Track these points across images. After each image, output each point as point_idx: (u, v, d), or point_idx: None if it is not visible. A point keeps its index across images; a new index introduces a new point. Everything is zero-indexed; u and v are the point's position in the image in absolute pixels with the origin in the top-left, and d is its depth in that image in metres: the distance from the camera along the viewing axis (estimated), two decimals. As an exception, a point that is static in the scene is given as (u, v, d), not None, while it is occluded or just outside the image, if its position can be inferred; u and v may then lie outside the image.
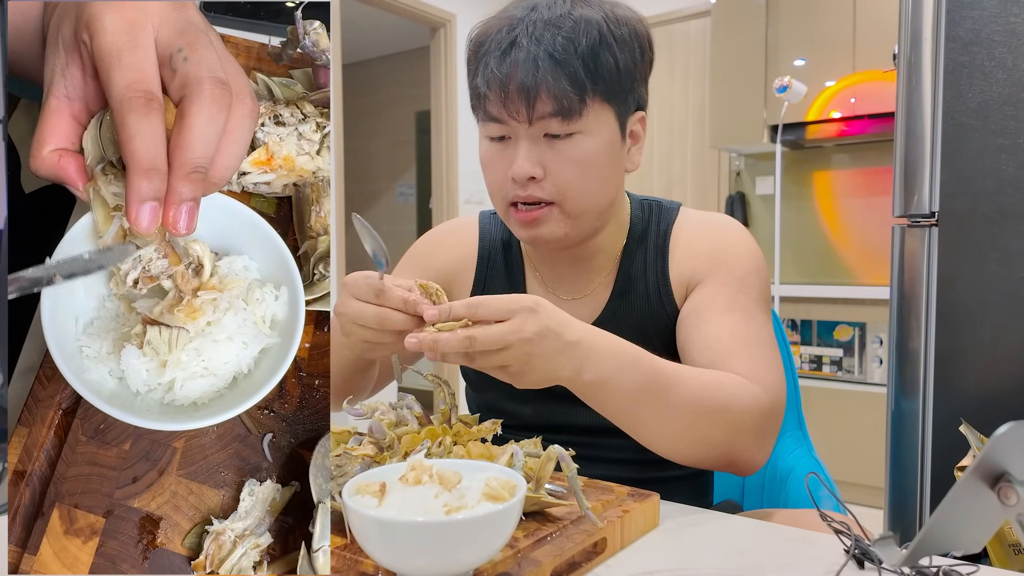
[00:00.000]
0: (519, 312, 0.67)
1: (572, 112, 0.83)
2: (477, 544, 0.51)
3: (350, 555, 0.58)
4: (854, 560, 0.61)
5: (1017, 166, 1.10)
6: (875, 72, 3.13)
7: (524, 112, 0.83)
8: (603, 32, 0.84)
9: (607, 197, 0.91)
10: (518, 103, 0.83)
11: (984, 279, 1.13)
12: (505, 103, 0.84)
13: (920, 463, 1.19)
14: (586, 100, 0.83)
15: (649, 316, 0.95)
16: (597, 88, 0.84)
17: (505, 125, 0.86)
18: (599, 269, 0.98)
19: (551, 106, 0.82)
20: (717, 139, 3.59)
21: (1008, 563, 0.82)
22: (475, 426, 0.75)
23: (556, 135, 0.85)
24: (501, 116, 0.85)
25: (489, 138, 0.89)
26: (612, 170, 0.90)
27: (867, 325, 3.05)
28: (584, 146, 0.85)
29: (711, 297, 0.90)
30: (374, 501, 0.54)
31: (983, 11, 1.13)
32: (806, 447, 1.16)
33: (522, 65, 0.82)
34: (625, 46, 0.86)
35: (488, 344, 0.66)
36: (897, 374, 1.22)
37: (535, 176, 0.85)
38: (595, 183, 0.88)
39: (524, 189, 0.86)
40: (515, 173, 0.85)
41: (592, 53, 0.83)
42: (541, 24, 0.83)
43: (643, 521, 0.70)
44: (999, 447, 0.45)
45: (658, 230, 0.97)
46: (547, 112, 0.83)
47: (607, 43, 0.84)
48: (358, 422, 0.78)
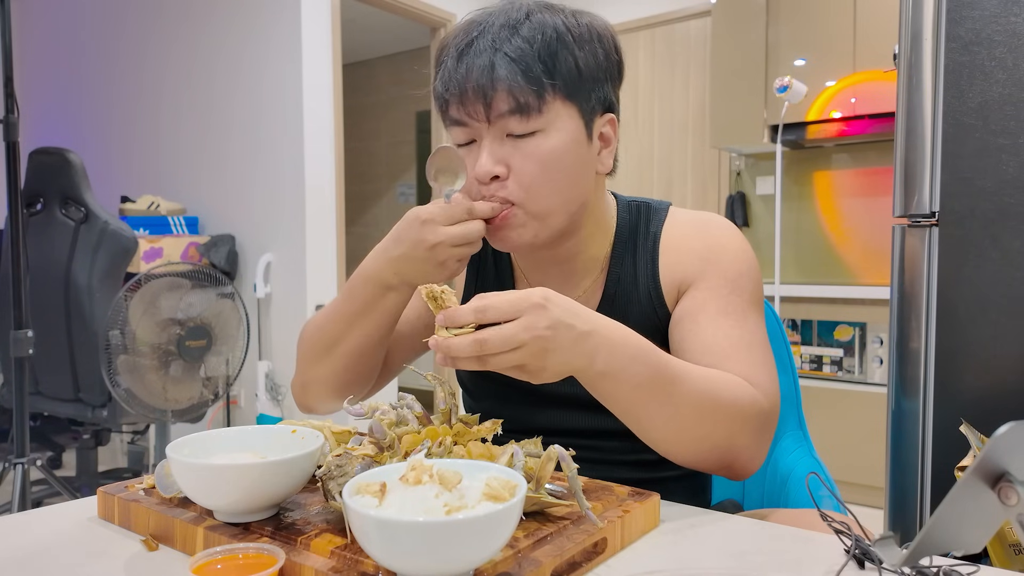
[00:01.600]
0: (528, 311, 0.67)
1: (530, 109, 0.82)
2: (477, 544, 0.51)
3: (350, 555, 0.58)
4: (854, 560, 0.61)
5: (1017, 166, 1.10)
6: (875, 72, 3.13)
7: (482, 111, 0.83)
8: (560, 32, 0.84)
9: (575, 198, 0.89)
10: (475, 103, 0.83)
11: (984, 279, 1.13)
12: (463, 103, 0.84)
13: (920, 463, 1.19)
14: (544, 97, 0.83)
15: (641, 320, 0.93)
16: (556, 85, 0.83)
17: (468, 128, 0.86)
18: (586, 273, 0.97)
19: (508, 103, 0.82)
20: (717, 139, 3.58)
21: (1008, 563, 0.82)
22: (475, 426, 0.75)
23: (518, 135, 0.84)
24: (461, 117, 0.85)
25: (458, 144, 0.89)
26: (579, 171, 0.88)
27: (867, 325, 3.04)
28: (545, 144, 0.84)
29: (704, 300, 0.89)
30: (374, 501, 0.54)
31: (983, 11, 1.13)
32: (806, 447, 1.16)
33: (478, 65, 0.82)
34: (585, 45, 0.85)
35: (501, 345, 0.66)
36: (897, 374, 1.22)
37: (498, 174, 0.84)
38: (560, 182, 0.86)
39: (487, 190, 0.85)
40: (477, 173, 0.85)
41: (549, 52, 0.83)
42: (498, 27, 0.84)
43: (643, 521, 0.70)
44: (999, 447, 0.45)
45: (647, 232, 0.96)
46: (504, 110, 0.83)
47: (565, 42, 0.84)
48: (358, 422, 0.78)
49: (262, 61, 3.48)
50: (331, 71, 3.51)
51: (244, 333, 2.78)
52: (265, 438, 0.74)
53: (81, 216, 2.58)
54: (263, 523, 0.66)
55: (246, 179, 3.57)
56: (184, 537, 0.67)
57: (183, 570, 0.63)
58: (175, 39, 3.78)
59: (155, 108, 3.88)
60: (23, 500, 2.12)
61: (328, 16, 3.49)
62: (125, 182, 3.98)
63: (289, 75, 3.40)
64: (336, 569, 0.57)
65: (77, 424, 2.92)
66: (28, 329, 2.17)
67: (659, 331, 0.93)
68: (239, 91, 3.56)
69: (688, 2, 3.98)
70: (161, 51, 3.84)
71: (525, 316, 0.67)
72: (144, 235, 3.30)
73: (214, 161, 3.67)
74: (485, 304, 0.67)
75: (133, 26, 3.94)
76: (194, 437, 0.72)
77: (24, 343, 2.16)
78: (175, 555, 0.66)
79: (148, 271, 2.60)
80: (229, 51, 3.59)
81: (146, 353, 2.55)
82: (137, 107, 3.95)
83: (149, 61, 3.89)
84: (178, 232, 3.49)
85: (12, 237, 2.16)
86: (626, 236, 0.97)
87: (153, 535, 0.69)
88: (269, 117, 3.47)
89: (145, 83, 3.91)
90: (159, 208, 3.49)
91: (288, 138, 3.42)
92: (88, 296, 2.54)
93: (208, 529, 0.65)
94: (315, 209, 3.44)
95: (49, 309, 2.61)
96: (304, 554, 0.60)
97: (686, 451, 0.79)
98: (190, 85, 3.73)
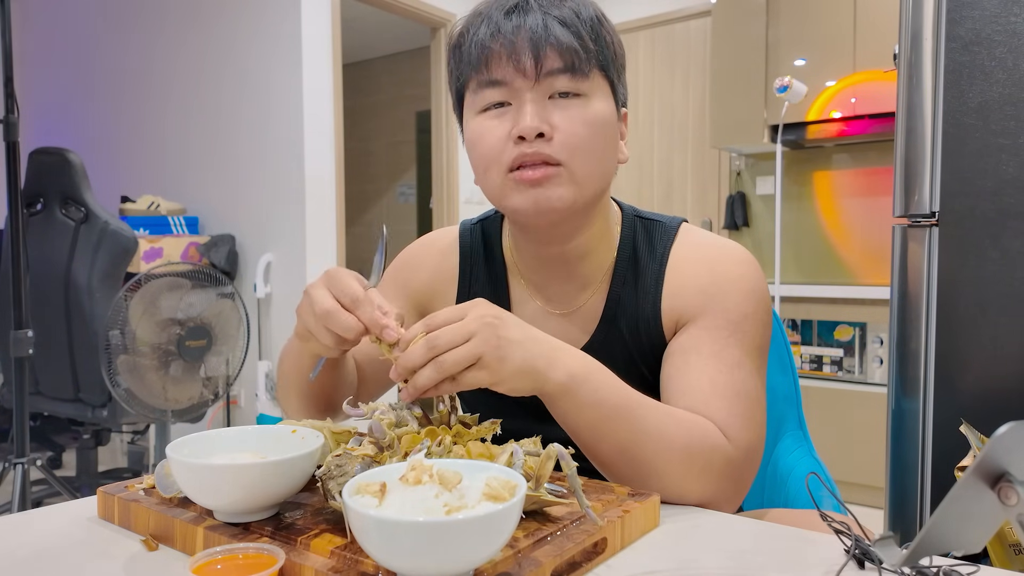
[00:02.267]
0: (470, 308, 0.71)
1: (580, 70, 0.82)
2: (477, 544, 0.51)
3: (350, 555, 0.58)
4: (854, 560, 0.61)
5: (1017, 166, 1.10)
6: (875, 72, 3.13)
7: (531, 66, 0.81)
8: (599, 14, 0.86)
9: (608, 172, 0.88)
10: (526, 58, 0.81)
11: (984, 279, 1.13)
12: (513, 56, 0.81)
13: (920, 463, 1.19)
14: (592, 63, 0.83)
15: (637, 345, 0.91)
16: (599, 57, 0.84)
17: (506, 88, 0.83)
18: (588, 280, 0.93)
19: (559, 61, 0.81)
20: (717, 139, 3.58)
21: (1008, 563, 0.82)
22: (475, 426, 0.75)
23: (564, 93, 0.83)
24: (504, 75, 0.82)
25: (482, 110, 0.86)
26: (613, 145, 0.88)
27: (867, 325, 3.04)
28: (590, 109, 0.84)
29: (699, 339, 0.86)
30: (374, 501, 0.54)
31: (983, 11, 1.13)
32: (806, 447, 1.16)
33: (530, 22, 0.82)
34: (614, 35, 0.88)
35: (452, 339, 0.68)
36: (897, 374, 1.22)
37: (543, 132, 0.82)
38: (601, 149, 0.85)
39: (531, 147, 0.82)
40: (523, 129, 0.81)
41: (594, 26, 0.84)
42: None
43: (644, 521, 0.70)
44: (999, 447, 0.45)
45: (654, 253, 0.92)
46: (556, 68, 0.82)
47: (604, 23, 0.86)
48: (358, 422, 0.78)
49: (262, 61, 3.48)
50: (331, 71, 3.51)
51: (244, 333, 2.79)
52: (265, 438, 0.74)
53: (81, 216, 2.58)
54: (263, 523, 0.66)
55: (246, 179, 3.57)
56: (184, 537, 0.67)
57: (183, 570, 0.63)
58: (175, 38, 3.78)
59: (156, 108, 3.88)
60: (23, 500, 2.12)
61: (328, 16, 3.49)
62: (125, 182, 3.98)
63: (289, 74, 3.40)
64: (336, 569, 0.57)
65: (77, 424, 2.92)
66: (28, 329, 2.17)
67: (656, 358, 0.90)
68: (240, 91, 3.57)
69: (688, 2, 3.98)
70: (161, 51, 3.84)
71: (471, 311, 0.71)
72: (144, 235, 3.30)
73: (214, 161, 3.67)
74: (431, 315, 0.71)
75: (134, 26, 3.94)
76: (194, 437, 0.72)
77: (24, 343, 2.16)
78: (175, 555, 0.66)
79: (148, 271, 2.60)
80: (229, 51, 3.59)
81: (146, 353, 2.55)
82: (138, 107, 3.96)
83: (150, 61, 3.89)
84: (178, 232, 3.49)
85: (12, 237, 2.16)
86: (630, 252, 0.93)
87: (153, 535, 0.69)
88: (269, 116, 3.47)
89: (146, 83, 3.91)
90: (159, 208, 3.49)
91: (288, 138, 3.42)
92: (88, 296, 2.54)
93: (208, 529, 0.65)
94: (315, 209, 3.44)
95: (49, 309, 2.61)
96: (304, 554, 0.60)
97: (642, 483, 0.77)
98: (190, 85, 3.73)
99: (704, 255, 0.91)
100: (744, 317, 0.86)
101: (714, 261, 0.90)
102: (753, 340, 0.86)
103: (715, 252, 0.91)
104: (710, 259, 0.90)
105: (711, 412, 0.81)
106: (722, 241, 0.93)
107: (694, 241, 0.93)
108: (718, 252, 0.91)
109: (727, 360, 0.84)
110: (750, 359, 0.86)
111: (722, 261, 0.90)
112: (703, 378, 0.83)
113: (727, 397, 0.82)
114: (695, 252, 0.91)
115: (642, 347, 0.91)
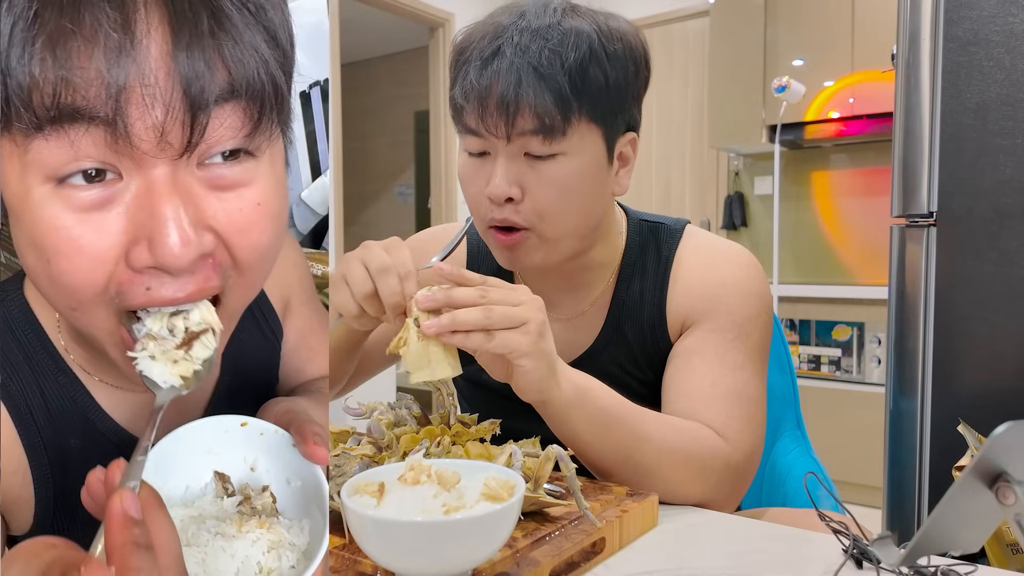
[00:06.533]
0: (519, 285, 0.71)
1: (555, 131, 0.77)
2: (476, 544, 0.51)
3: (349, 555, 0.58)
4: (852, 560, 0.61)
5: (1015, 166, 1.10)
6: (873, 72, 3.14)
7: (503, 128, 0.77)
8: (594, 46, 0.77)
9: (589, 221, 0.85)
10: (497, 118, 0.77)
11: (983, 279, 1.13)
12: (483, 116, 0.78)
13: (918, 463, 1.19)
14: (571, 119, 0.77)
15: (642, 348, 0.91)
16: (583, 107, 0.77)
17: (484, 140, 0.80)
18: (592, 287, 0.93)
19: (532, 123, 0.76)
20: (716, 139, 3.59)
21: (1006, 563, 0.82)
22: (474, 426, 0.75)
23: (537, 155, 0.79)
24: (479, 130, 0.79)
25: (468, 152, 0.83)
26: (596, 194, 0.83)
27: (865, 325, 3.05)
28: (566, 168, 0.79)
29: (703, 341, 0.86)
30: (372, 501, 0.54)
31: (981, 11, 1.13)
32: (804, 447, 1.16)
33: (503, 77, 0.76)
34: (617, 63, 0.79)
35: (505, 296, 0.67)
36: (895, 374, 1.22)
37: (512, 197, 0.79)
38: (575, 207, 0.81)
39: (500, 212, 0.80)
40: (491, 192, 0.79)
41: (580, 68, 0.76)
42: (528, 33, 0.77)
43: (642, 521, 0.70)
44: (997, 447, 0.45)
45: (659, 256, 0.91)
46: (527, 129, 0.77)
47: (598, 58, 0.77)
48: (356, 422, 0.78)
49: (260, 61, 3.48)
50: (329, 70, 3.51)
51: (242, 333, 2.78)
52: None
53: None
54: (261, 523, 0.66)
55: (244, 179, 3.56)
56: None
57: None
58: (173, 39, 3.77)
59: (153, 108, 3.87)
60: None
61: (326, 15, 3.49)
62: (123, 182, 3.97)
63: (287, 75, 3.39)
64: (334, 569, 0.57)
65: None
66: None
67: (660, 361, 0.90)
68: (237, 91, 3.56)
69: (686, 2, 3.98)
70: (159, 51, 3.83)
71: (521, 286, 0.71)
72: (142, 235, 3.29)
73: (212, 161, 3.66)
74: (482, 279, 0.69)
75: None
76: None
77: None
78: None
79: (146, 271, 2.59)
80: (227, 51, 3.59)
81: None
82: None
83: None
84: (176, 232, 3.48)
85: (10, 237, 2.15)
86: (635, 257, 0.92)
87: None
88: (267, 117, 3.47)
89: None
90: (157, 208, 3.48)
91: (286, 138, 3.41)
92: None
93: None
94: (313, 209, 3.44)
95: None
96: (302, 554, 0.60)
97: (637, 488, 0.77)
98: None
99: (709, 257, 0.90)
100: (748, 319, 0.86)
101: (719, 263, 0.89)
102: (756, 342, 0.86)
103: (720, 254, 0.91)
104: (715, 261, 0.90)
105: (712, 414, 0.81)
106: (726, 243, 0.93)
107: (699, 243, 0.92)
108: (723, 254, 0.91)
109: (730, 363, 0.84)
110: (752, 361, 0.86)
111: (727, 264, 0.89)
112: (705, 380, 0.83)
113: (728, 399, 0.82)
114: (700, 254, 0.91)
115: (647, 350, 0.91)
